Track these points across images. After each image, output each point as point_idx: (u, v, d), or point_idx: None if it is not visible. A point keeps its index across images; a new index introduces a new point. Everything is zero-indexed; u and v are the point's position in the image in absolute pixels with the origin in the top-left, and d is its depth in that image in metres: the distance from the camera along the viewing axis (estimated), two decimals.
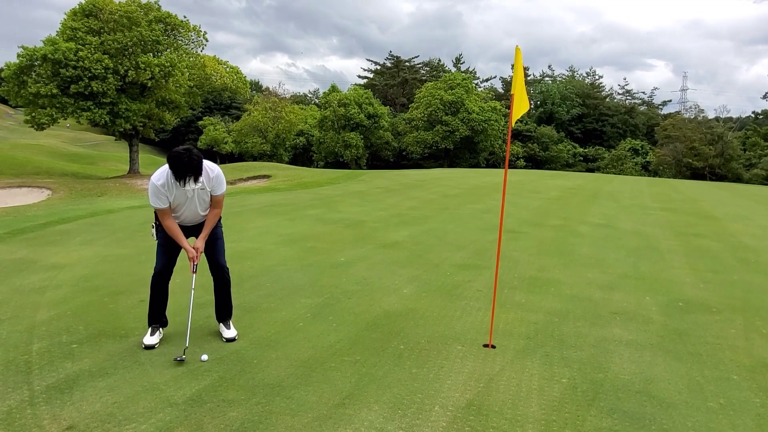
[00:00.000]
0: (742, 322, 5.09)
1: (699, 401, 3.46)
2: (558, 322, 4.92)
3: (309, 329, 4.51)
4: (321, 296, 5.45)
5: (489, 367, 3.88)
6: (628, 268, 7.22)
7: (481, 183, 20.75)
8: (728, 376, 3.87)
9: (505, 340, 4.41)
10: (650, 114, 67.69)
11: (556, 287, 6.14)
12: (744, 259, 8.13)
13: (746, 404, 3.44)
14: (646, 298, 5.80)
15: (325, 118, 49.52)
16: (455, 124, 48.54)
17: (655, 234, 10.19)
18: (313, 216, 10.97)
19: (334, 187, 17.73)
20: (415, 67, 71.82)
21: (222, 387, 3.42)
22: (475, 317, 4.98)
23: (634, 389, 3.60)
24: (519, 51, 4.34)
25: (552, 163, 56.37)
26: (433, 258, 7.43)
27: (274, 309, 5.00)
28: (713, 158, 44.64)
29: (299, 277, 6.17)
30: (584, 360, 4.06)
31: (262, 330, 4.44)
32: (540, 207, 13.88)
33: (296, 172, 25.00)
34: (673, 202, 16.39)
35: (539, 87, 67.25)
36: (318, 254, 7.42)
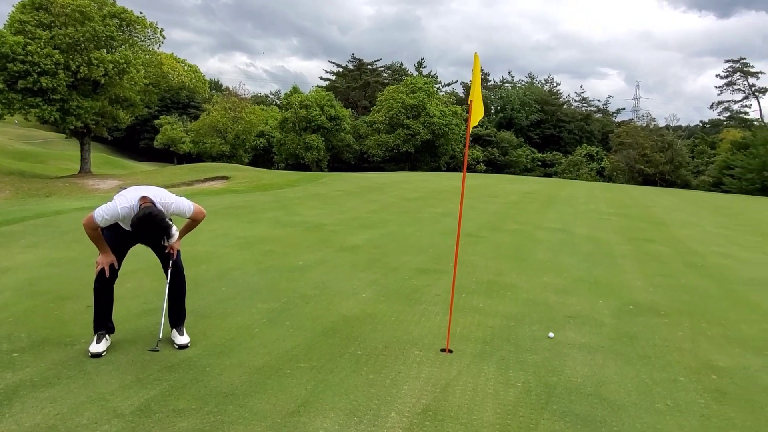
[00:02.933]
0: (689, 325, 5.27)
1: (647, 403, 3.56)
2: (514, 326, 4.98)
3: (265, 335, 4.42)
4: (278, 301, 5.37)
5: (446, 371, 3.89)
6: (582, 273, 7.39)
7: (441, 187, 20.93)
8: (675, 377, 4.00)
9: (463, 345, 4.43)
10: (605, 121, 69.81)
11: (513, 291, 6.22)
12: (691, 264, 8.45)
13: (692, 405, 3.56)
14: (599, 302, 5.94)
15: (286, 120, 49.00)
16: (417, 127, 48.84)
17: (608, 239, 10.48)
18: (271, 219, 10.82)
19: (294, 189, 17.56)
20: (378, 70, 71.93)
21: (172, 396, 3.31)
22: (433, 322, 5.00)
23: (586, 392, 3.68)
24: (477, 57, 4.39)
25: (511, 168, 57.40)
26: (393, 262, 7.43)
27: (229, 314, 4.89)
28: (664, 165, 46.37)
29: (256, 281, 6.06)
30: (539, 363, 4.12)
31: (217, 336, 4.33)
32: (498, 211, 14.09)
33: (256, 174, 24.65)
34: (626, 208, 16.92)
35: (499, 93, 68.46)
36: (276, 258, 7.31)
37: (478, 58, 4.39)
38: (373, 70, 71.47)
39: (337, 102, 52.08)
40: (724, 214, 17.47)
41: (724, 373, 4.13)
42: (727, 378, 4.04)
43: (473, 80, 4.38)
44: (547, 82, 74.31)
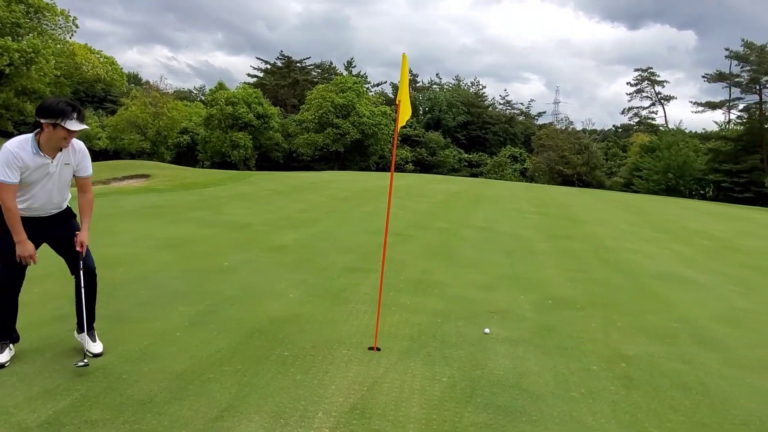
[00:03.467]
0: (602, 317, 5.60)
1: (564, 391, 3.74)
2: (440, 323, 5.08)
3: (187, 339, 4.26)
4: (201, 303, 5.19)
5: (373, 369, 3.91)
6: (505, 269, 7.66)
7: (371, 186, 21.03)
8: (589, 366, 4.23)
9: (390, 342, 4.47)
10: (527, 124, 72.76)
11: (440, 289, 6.35)
12: (604, 259, 8.97)
13: (603, 392, 3.77)
14: (520, 297, 6.18)
15: (212, 117, 47.47)
16: (346, 127, 48.83)
17: (530, 236, 10.93)
18: (196, 218, 10.45)
19: (220, 188, 17.05)
20: (307, 69, 71.21)
21: (84, 406, 3.11)
22: (362, 320, 5.01)
23: (508, 384, 3.81)
24: (405, 58, 4.44)
25: (439, 168, 58.58)
26: (321, 261, 7.38)
27: (148, 319, 4.67)
28: (580, 166, 49.00)
29: (178, 284, 5.83)
30: (463, 358, 4.23)
31: (134, 342, 4.12)
32: (427, 210, 14.34)
33: (179, 172, 23.71)
34: (546, 207, 17.71)
35: (427, 94, 69.65)
36: (200, 259, 7.06)
37: (406, 58, 4.44)
38: (303, 68, 70.71)
39: (265, 100, 51.08)
40: (634, 213, 18.69)
41: (632, 361, 4.42)
42: (634, 365, 4.32)
43: (401, 81, 4.43)
44: (473, 85, 76.46)
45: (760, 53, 48.04)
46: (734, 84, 51.45)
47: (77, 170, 3.71)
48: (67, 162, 3.63)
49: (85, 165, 3.75)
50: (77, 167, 3.70)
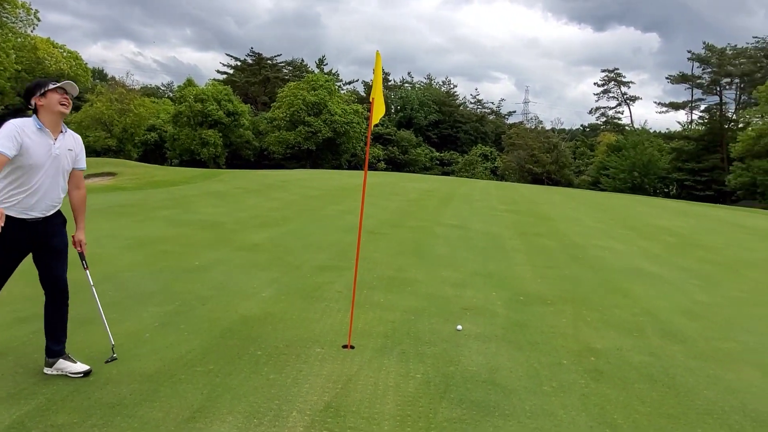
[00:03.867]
0: (572, 312, 5.70)
1: (536, 386, 3.80)
2: (414, 320, 5.11)
3: (157, 340, 4.18)
4: (172, 303, 5.10)
5: (347, 367, 3.90)
6: (477, 267, 7.74)
7: (343, 184, 20.98)
8: (560, 361, 4.30)
9: (364, 340, 4.47)
10: (498, 123, 73.62)
11: (413, 286, 6.38)
12: (573, 256, 9.14)
13: (574, 385, 3.85)
14: (493, 294, 6.26)
15: (180, 114, 46.65)
16: (318, 125, 48.58)
17: (501, 234, 11.07)
18: (165, 217, 10.26)
19: (190, 186, 16.78)
20: (278, 66, 70.55)
21: (50, 411, 3.03)
22: (335, 318, 5.00)
23: (481, 379, 3.85)
24: (379, 56, 4.44)
25: (411, 166, 58.82)
26: (294, 260, 7.33)
27: (117, 320, 4.56)
28: (550, 165, 49.82)
29: (148, 284, 5.71)
30: (437, 355, 4.26)
31: (102, 344, 4.02)
32: (399, 209, 14.38)
33: (147, 170, 23.22)
34: (516, 204, 17.96)
35: (399, 92, 69.87)
36: (170, 258, 6.94)
37: (379, 56, 4.44)
38: (273, 65, 70.03)
39: (235, 97, 50.46)
40: (601, 210, 19.10)
41: (600, 354, 4.51)
42: (603, 359, 4.42)
43: (375, 79, 4.43)
44: (444, 84, 76.95)
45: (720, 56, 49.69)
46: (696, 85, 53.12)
47: (77, 160, 3.57)
48: (70, 148, 3.49)
49: (83, 156, 3.64)
50: (77, 157, 3.57)
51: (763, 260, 10.10)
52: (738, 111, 51.17)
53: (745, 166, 36.30)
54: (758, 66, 49.22)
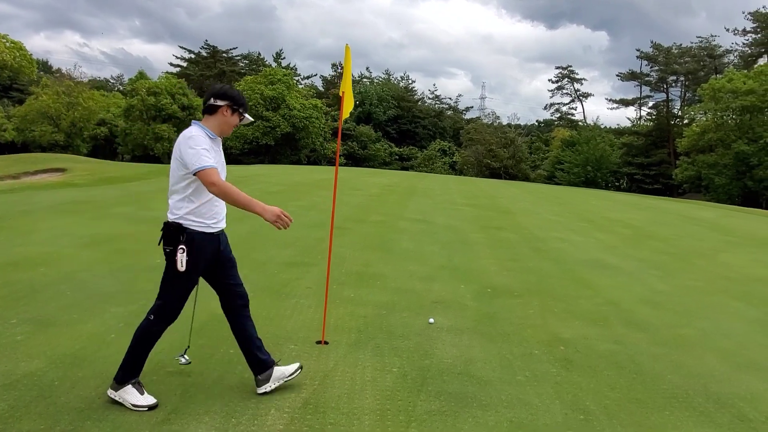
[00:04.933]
0: (539, 303, 5.82)
1: (510, 376, 3.86)
2: (386, 314, 5.11)
3: (123, 342, 4.00)
4: (135, 303, 4.92)
5: (323, 363, 3.87)
6: (443, 260, 7.80)
7: (303, 180, 20.77)
8: (531, 351, 4.39)
9: (338, 336, 4.44)
10: (456, 118, 74.38)
11: (382, 281, 6.37)
12: (536, 248, 9.34)
13: (546, 375, 3.93)
14: (461, 287, 6.32)
15: (132, 107, 45.03)
16: (276, 120, 47.85)
17: (464, 228, 11.19)
18: (121, 214, 9.90)
19: (146, 182, 16.26)
20: (234, 59, 69.07)
21: (14, 418, 2.87)
22: (306, 315, 4.94)
23: (456, 371, 3.89)
24: (348, 49, 4.41)
25: (370, 161, 58.77)
26: (259, 257, 7.21)
27: (78, 321, 4.37)
28: (507, 160, 50.74)
29: (108, 284, 5.50)
30: (412, 348, 4.27)
31: (64, 346, 3.85)
32: (362, 204, 14.34)
33: (99, 166, 22.39)
34: (477, 199, 18.21)
35: (358, 88, 69.59)
36: (130, 257, 6.70)
37: (349, 49, 4.41)
38: (229, 58, 68.55)
39: (190, 90, 49.10)
40: (558, 204, 19.59)
41: (569, 343, 4.63)
42: (572, 348, 4.53)
43: (345, 72, 4.40)
44: (403, 79, 77.12)
45: (666, 55, 51.66)
46: (645, 83, 55.06)
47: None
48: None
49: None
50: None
51: (711, 250, 10.58)
52: (683, 108, 53.43)
53: (690, 160, 37.95)
54: (701, 64, 51.49)
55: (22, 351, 3.72)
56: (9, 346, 3.78)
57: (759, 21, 46.17)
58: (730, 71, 37.62)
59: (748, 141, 33.70)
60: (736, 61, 50.23)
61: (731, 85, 33.80)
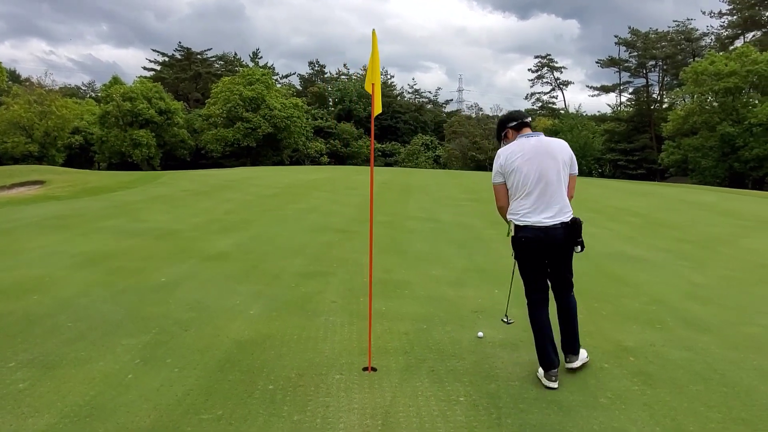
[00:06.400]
0: (583, 306, 5.33)
1: (591, 399, 3.41)
2: (427, 329, 4.62)
3: (143, 382, 3.48)
4: (148, 332, 4.36)
5: (379, 396, 3.36)
6: (466, 262, 7.34)
7: (295, 181, 20.16)
8: (601, 365, 3.95)
9: (384, 359, 3.94)
10: (436, 112, 74.03)
11: (409, 289, 5.89)
12: None
13: (629, 394, 3.48)
14: (495, 292, 5.86)
15: (108, 114, 43.71)
16: (257, 120, 46.91)
17: (474, 225, 10.75)
18: (112, 228, 9.25)
19: (131, 191, 15.52)
20: (209, 61, 67.72)
21: None
22: (341, 335, 4.43)
23: (531, 396, 3.42)
24: (375, 36, 3.89)
25: (354, 159, 58.15)
26: (271, 268, 6.67)
27: (86, 360, 3.81)
28: (492, 151, 50.42)
29: (112, 310, 4.92)
30: (470, 370, 3.80)
31: (76, 393, 3.29)
32: (361, 204, 13.82)
33: (78, 176, 21.46)
34: (476, 193, 17.80)
35: (337, 85, 68.81)
36: (130, 276, 6.11)
37: (375, 35, 3.89)
38: (204, 60, 67.24)
39: (166, 94, 47.90)
40: None
41: (637, 353, 4.19)
42: (642, 358, 4.09)
43: (373, 61, 3.87)
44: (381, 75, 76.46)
45: (645, 40, 51.86)
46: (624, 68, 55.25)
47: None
48: None
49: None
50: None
51: (730, 235, 10.28)
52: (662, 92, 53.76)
53: (675, 144, 38.05)
54: (679, 48, 51.78)
55: (28, 403, 3.16)
56: (12, 397, 3.22)
57: (734, 3, 46.54)
58: (711, 54, 37.75)
59: (733, 123, 33.85)
60: (713, 43, 50.64)
61: (713, 67, 33.90)
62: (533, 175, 3.67)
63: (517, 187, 3.71)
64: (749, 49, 35.16)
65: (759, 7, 45.63)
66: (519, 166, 3.69)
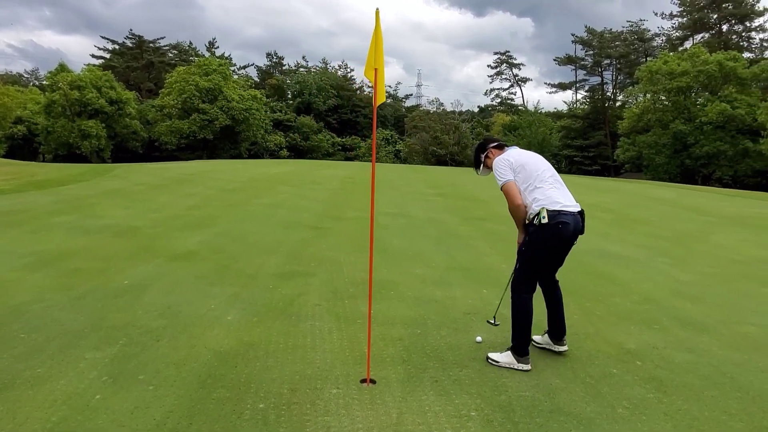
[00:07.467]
0: (576, 306, 5.21)
1: (608, 409, 3.20)
2: (422, 334, 4.34)
3: (114, 404, 3.05)
4: (114, 344, 3.91)
5: (384, 413, 3.05)
6: (447, 260, 7.11)
7: (257, 174, 19.52)
8: (609, 370, 3.75)
9: (382, 369, 3.63)
10: (396, 106, 73.84)
11: (395, 290, 5.60)
12: None
13: (647, 402, 3.29)
14: (484, 292, 5.64)
15: (54, 103, 41.49)
16: (214, 112, 45.53)
17: (447, 220, 10.55)
18: (64, 224, 8.57)
19: (83, 185, 14.60)
20: (162, 50, 65.30)
21: None
22: (331, 342, 4.10)
23: (545, 408, 3.18)
24: (378, 15, 3.56)
25: (313, 153, 57.33)
26: (245, 268, 6.24)
27: (45, 377, 3.34)
28: (452, 146, 50.73)
29: (71, 318, 4.42)
30: (477, 380, 3.53)
31: (35, 420, 2.84)
32: (329, 198, 13.43)
33: (24, 168, 20.17)
34: (442, 188, 17.64)
35: (296, 77, 67.66)
36: (89, 278, 5.58)
37: (378, 15, 3.56)
38: (157, 48, 64.83)
39: (117, 83, 45.90)
40: None
41: (642, 356, 4.03)
42: (648, 362, 3.93)
43: (376, 44, 3.54)
44: (341, 68, 75.71)
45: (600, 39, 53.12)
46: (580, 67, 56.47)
47: None
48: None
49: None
50: None
51: (700, 232, 10.43)
52: (616, 90, 55.24)
53: (630, 141, 39.13)
54: (632, 48, 53.35)
55: None
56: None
57: (685, 5, 48.17)
58: (664, 54, 38.94)
59: (685, 121, 35.02)
60: (664, 44, 52.35)
61: (667, 66, 34.96)
62: (543, 166, 3.88)
63: (532, 176, 3.75)
64: (700, 50, 36.43)
65: (707, 10, 47.38)
66: (527, 161, 3.86)
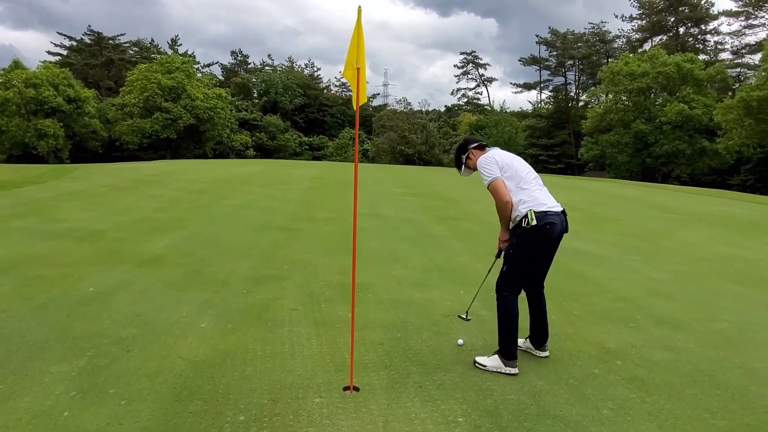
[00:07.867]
0: (553, 305, 5.21)
1: (593, 410, 3.20)
2: (402, 338, 4.27)
3: (84, 421, 2.88)
4: (82, 356, 3.71)
5: (370, 422, 2.97)
6: (423, 260, 7.06)
7: (224, 175, 19.14)
8: (591, 371, 3.75)
9: (364, 376, 3.55)
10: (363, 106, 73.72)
11: (372, 292, 5.51)
12: None
13: (630, 403, 3.30)
14: (461, 293, 5.62)
15: (8, 101, 39.80)
16: (177, 111, 44.51)
17: (421, 220, 10.52)
18: (22, 229, 8.18)
19: (40, 187, 14.02)
20: (122, 47, 63.47)
21: None
22: (310, 348, 3.99)
23: (532, 412, 3.15)
24: (360, 12, 3.48)
25: (280, 152, 56.69)
26: (216, 272, 6.06)
27: (7, 394, 3.14)
28: (420, 145, 50.93)
29: (34, 329, 4.19)
30: (460, 384, 3.48)
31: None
32: (300, 199, 13.25)
33: None
34: (413, 187, 17.64)
35: (262, 76, 66.82)
36: (51, 286, 5.31)
37: (360, 12, 3.48)
38: (116, 45, 62.97)
39: (76, 81, 44.39)
40: None
41: (622, 355, 4.05)
42: (629, 361, 3.96)
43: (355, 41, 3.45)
44: (307, 67, 75.12)
45: (563, 40, 54.13)
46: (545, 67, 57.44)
47: None
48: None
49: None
50: None
51: (665, 229, 10.68)
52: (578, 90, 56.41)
53: (594, 140, 40.02)
54: (594, 49, 54.56)
55: None
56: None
57: (644, 8, 49.53)
58: (625, 55, 39.94)
59: (645, 120, 36.00)
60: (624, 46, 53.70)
61: (628, 68, 35.87)
62: (526, 168, 3.85)
63: (519, 176, 3.70)
64: (659, 51, 37.51)
65: (665, 14, 48.84)
66: (512, 161, 3.81)
